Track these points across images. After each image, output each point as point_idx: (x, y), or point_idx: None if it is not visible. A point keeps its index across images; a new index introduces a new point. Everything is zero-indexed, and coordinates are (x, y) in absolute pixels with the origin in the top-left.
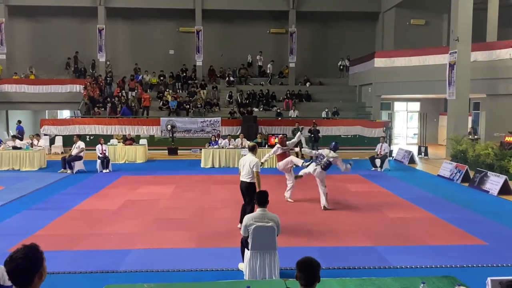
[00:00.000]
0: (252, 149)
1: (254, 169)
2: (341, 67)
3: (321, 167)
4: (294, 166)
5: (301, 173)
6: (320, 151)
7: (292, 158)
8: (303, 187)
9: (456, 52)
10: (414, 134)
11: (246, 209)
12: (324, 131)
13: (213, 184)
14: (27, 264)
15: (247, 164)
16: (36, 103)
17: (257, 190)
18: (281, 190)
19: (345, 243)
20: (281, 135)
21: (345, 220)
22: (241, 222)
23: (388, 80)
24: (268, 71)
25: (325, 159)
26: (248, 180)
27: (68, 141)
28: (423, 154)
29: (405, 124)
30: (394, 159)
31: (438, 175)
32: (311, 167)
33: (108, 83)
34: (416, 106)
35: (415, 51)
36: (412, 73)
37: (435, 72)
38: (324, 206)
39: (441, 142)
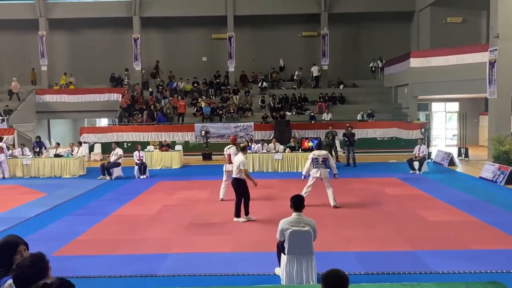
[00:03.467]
0: (243, 150)
1: (241, 167)
2: (373, 68)
3: (323, 166)
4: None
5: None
6: (309, 157)
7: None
8: (335, 192)
9: (496, 49)
10: (454, 135)
11: (237, 203)
12: (360, 133)
13: None
14: (32, 272)
15: (236, 162)
16: (75, 112)
17: (253, 183)
18: (314, 195)
19: (384, 247)
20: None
21: (383, 224)
22: (236, 216)
23: (424, 80)
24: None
25: (320, 159)
26: (236, 176)
27: (107, 148)
28: (463, 155)
29: (443, 125)
30: (433, 161)
31: (480, 177)
32: (315, 173)
33: (161, 92)
34: (455, 106)
35: (453, 50)
36: (449, 72)
37: (474, 71)
38: (335, 205)
39: (482, 143)
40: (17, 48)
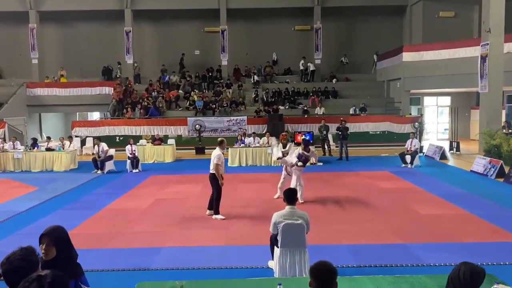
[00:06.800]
0: (220, 144)
1: (215, 161)
2: (344, 63)
3: (301, 161)
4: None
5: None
6: (296, 151)
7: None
8: (328, 186)
9: (488, 44)
10: (445, 129)
11: (216, 198)
12: (352, 127)
13: (240, 182)
14: (24, 265)
15: (212, 157)
16: (67, 105)
17: (219, 181)
18: (307, 189)
19: (376, 240)
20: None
21: (375, 217)
22: (208, 208)
23: (417, 74)
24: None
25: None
26: (212, 172)
27: None
28: (454, 149)
29: (435, 119)
30: (425, 155)
31: (471, 171)
32: (294, 158)
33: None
34: (446, 100)
35: (445, 44)
36: (442, 66)
37: (466, 65)
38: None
39: (473, 137)
40: (7, 40)
